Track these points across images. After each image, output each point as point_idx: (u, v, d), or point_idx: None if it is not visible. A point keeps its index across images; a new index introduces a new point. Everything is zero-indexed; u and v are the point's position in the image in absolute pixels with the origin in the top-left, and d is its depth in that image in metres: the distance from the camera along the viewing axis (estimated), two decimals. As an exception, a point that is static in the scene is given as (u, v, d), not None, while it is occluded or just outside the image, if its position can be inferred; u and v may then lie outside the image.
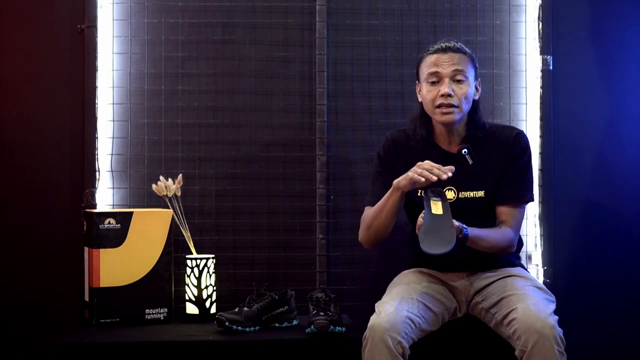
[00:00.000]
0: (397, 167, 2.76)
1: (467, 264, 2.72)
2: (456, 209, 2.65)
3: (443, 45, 2.74)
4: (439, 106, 2.69)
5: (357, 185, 3.24)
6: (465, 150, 2.71)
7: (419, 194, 2.69)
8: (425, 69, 2.74)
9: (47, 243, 3.20)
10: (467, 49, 2.76)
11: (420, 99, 2.79)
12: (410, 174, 2.57)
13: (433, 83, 2.71)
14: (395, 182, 2.62)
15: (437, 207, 2.53)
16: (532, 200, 2.78)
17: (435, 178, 2.52)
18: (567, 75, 3.29)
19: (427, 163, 2.56)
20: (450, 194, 2.72)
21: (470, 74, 2.73)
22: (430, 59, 2.74)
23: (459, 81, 2.70)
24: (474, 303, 2.68)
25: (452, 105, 2.68)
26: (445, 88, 2.68)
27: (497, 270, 2.71)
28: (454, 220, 2.51)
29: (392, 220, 2.69)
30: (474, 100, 2.76)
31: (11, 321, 3.20)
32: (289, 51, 3.26)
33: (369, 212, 2.76)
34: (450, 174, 2.53)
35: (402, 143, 2.81)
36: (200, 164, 3.24)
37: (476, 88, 2.77)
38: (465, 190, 2.72)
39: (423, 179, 2.53)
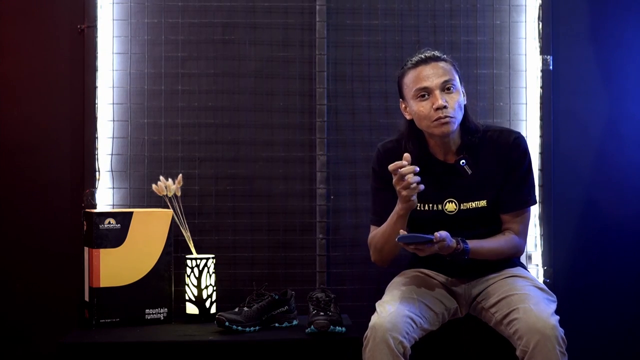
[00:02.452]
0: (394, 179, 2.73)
1: (468, 271, 2.71)
2: (459, 220, 2.64)
3: (423, 56, 2.64)
4: (436, 119, 2.60)
5: (357, 185, 3.24)
6: (464, 161, 2.68)
7: (418, 209, 2.66)
8: (411, 85, 2.63)
9: (47, 243, 3.20)
10: (446, 56, 2.68)
11: (408, 117, 2.70)
12: (401, 194, 2.50)
13: (423, 97, 2.62)
14: (394, 211, 2.56)
15: None
16: (535, 203, 2.75)
17: (415, 181, 2.47)
18: (567, 75, 3.29)
19: (397, 173, 2.48)
20: (451, 206, 2.68)
21: (457, 81, 2.65)
22: (413, 73, 2.63)
23: (448, 90, 2.61)
24: (474, 304, 2.68)
25: (448, 117, 2.59)
26: (439, 100, 2.58)
27: (497, 271, 2.71)
28: (450, 238, 2.50)
29: None
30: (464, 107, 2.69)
31: (11, 321, 3.20)
32: (289, 51, 3.26)
33: (376, 235, 2.69)
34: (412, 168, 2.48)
35: (395, 154, 2.66)
36: (200, 164, 3.24)
37: (463, 93, 2.68)
38: (467, 201, 2.67)
39: (411, 191, 2.48)
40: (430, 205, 2.68)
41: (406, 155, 2.50)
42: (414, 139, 2.71)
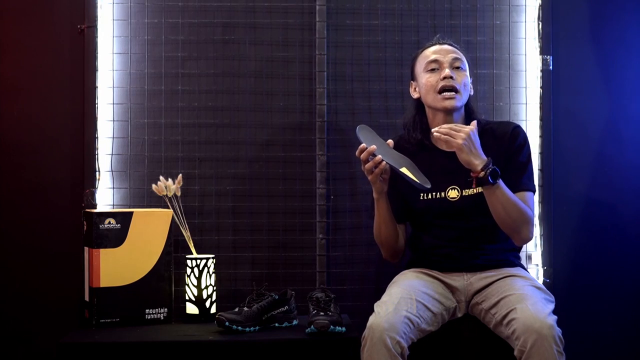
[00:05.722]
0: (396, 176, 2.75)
1: (467, 264, 2.72)
2: (461, 207, 2.67)
3: (440, 40, 2.82)
4: (442, 91, 2.72)
5: (357, 185, 3.24)
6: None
7: (421, 198, 2.68)
8: (423, 60, 2.79)
9: (47, 243, 3.20)
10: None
11: (415, 95, 2.83)
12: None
13: (433, 70, 2.75)
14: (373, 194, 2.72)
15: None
16: (535, 191, 2.78)
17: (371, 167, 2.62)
18: (567, 75, 3.29)
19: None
20: (453, 193, 2.72)
21: (466, 67, 2.79)
22: (427, 51, 2.80)
23: (458, 68, 2.75)
24: (473, 303, 2.68)
25: (454, 89, 2.71)
26: (446, 70, 2.72)
27: (496, 270, 2.71)
28: (482, 156, 2.60)
29: (395, 226, 2.76)
30: (469, 96, 2.80)
31: (11, 321, 3.20)
32: (289, 51, 3.26)
33: (374, 228, 2.81)
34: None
35: (400, 145, 2.82)
36: (200, 164, 3.24)
37: (470, 85, 2.81)
38: (469, 188, 2.71)
39: (373, 177, 2.64)
40: (433, 193, 2.73)
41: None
42: (418, 127, 2.81)
